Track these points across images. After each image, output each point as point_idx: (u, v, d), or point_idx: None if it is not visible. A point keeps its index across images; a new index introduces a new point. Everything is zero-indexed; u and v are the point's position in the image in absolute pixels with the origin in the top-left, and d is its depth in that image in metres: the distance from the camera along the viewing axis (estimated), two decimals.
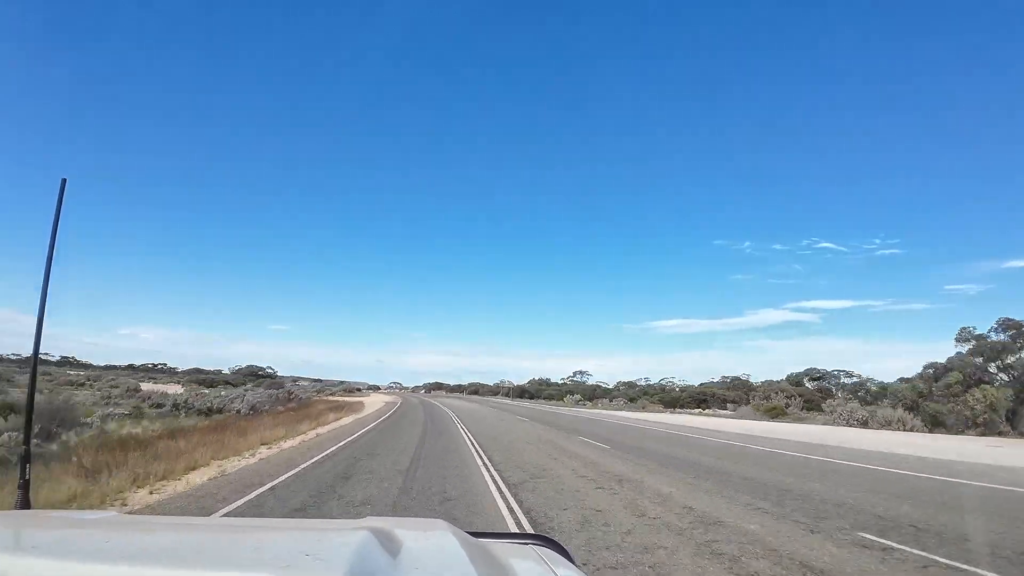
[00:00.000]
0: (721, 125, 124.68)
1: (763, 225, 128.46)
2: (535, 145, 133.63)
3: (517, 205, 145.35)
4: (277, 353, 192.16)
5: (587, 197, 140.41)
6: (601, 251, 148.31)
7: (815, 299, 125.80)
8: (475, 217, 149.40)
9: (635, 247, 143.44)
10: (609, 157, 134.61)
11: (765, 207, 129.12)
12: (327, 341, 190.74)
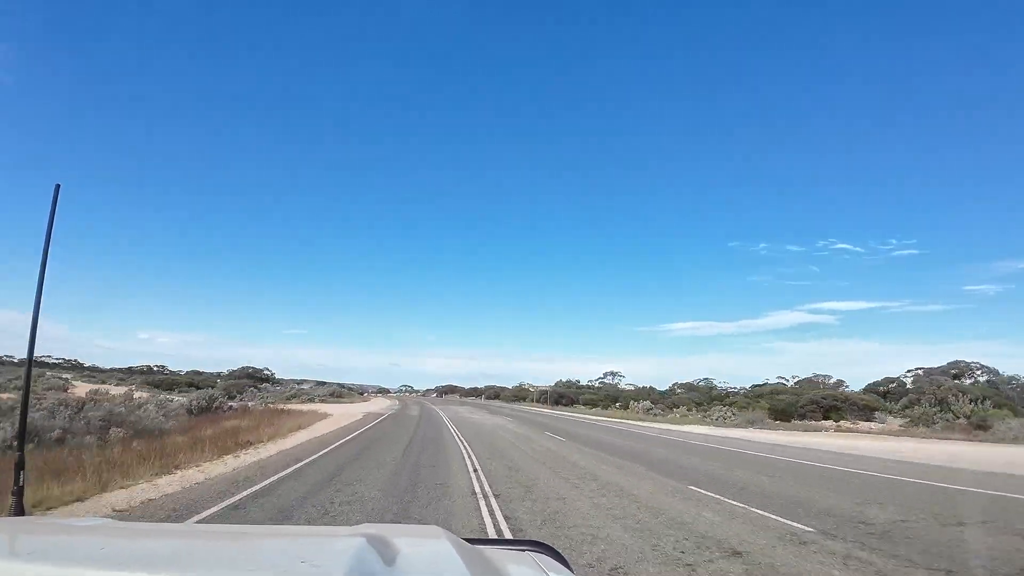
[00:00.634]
0: (734, 126, 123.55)
1: (778, 226, 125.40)
2: (545, 147, 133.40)
3: (527, 207, 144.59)
4: (291, 356, 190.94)
5: (597, 199, 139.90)
6: (613, 253, 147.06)
7: (832, 300, 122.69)
8: (487, 219, 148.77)
9: (647, 249, 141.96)
10: (619, 160, 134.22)
11: (780, 208, 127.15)
12: (342, 345, 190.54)
